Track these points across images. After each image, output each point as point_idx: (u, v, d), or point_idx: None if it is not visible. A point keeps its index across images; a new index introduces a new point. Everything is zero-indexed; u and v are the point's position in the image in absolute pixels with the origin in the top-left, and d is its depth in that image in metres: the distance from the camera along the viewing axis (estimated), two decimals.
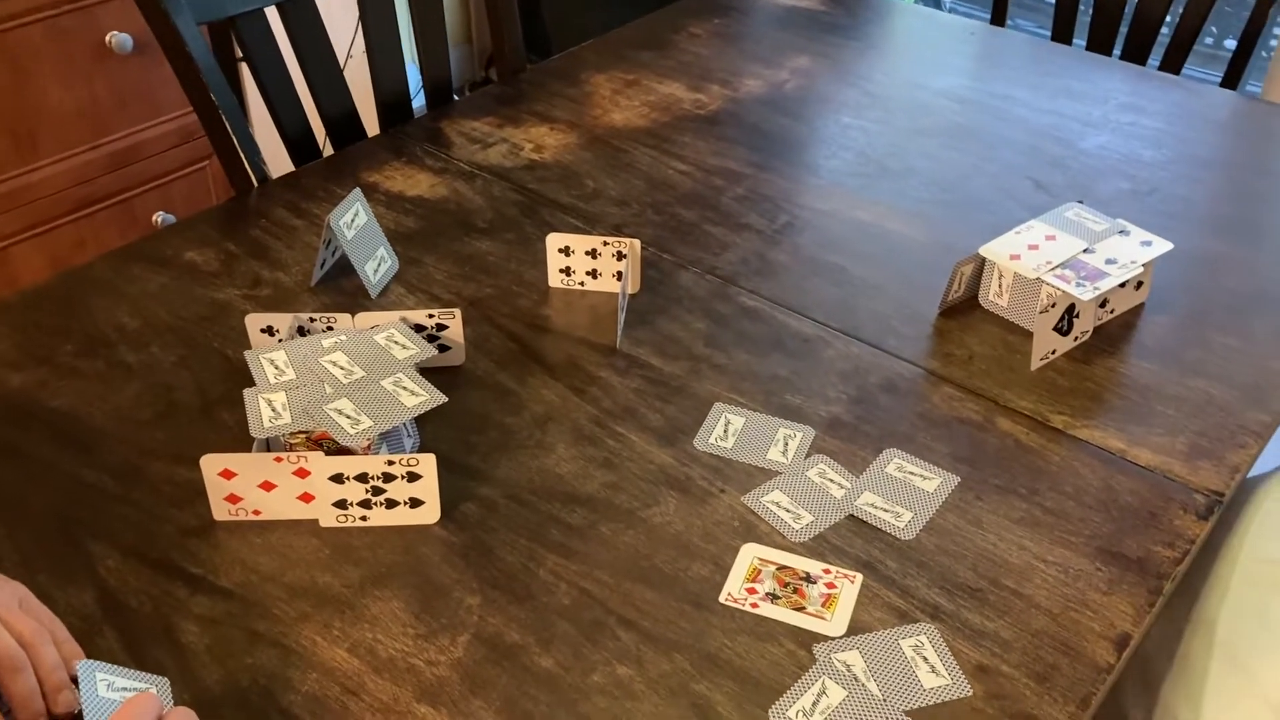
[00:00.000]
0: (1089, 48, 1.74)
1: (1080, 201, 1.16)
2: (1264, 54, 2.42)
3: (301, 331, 0.98)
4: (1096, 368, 1.04)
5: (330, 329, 0.98)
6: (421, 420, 0.95)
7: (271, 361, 0.91)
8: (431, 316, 0.99)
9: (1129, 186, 1.31)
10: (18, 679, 0.68)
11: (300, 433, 0.87)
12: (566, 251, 1.11)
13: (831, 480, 0.91)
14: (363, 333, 0.95)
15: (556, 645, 0.77)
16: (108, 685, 0.68)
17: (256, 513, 0.86)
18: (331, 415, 0.85)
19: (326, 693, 0.74)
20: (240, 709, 0.73)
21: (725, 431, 0.95)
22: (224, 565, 0.83)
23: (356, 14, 1.40)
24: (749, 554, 0.84)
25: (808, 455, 0.93)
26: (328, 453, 0.85)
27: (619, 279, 1.11)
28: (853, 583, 0.82)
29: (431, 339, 1.00)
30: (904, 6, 1.79)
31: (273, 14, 1.32)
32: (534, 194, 1.29)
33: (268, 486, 0.85)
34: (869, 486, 0.90)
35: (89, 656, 0.72)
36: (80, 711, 0.67)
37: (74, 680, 0.70)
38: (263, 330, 0.99)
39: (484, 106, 1.48)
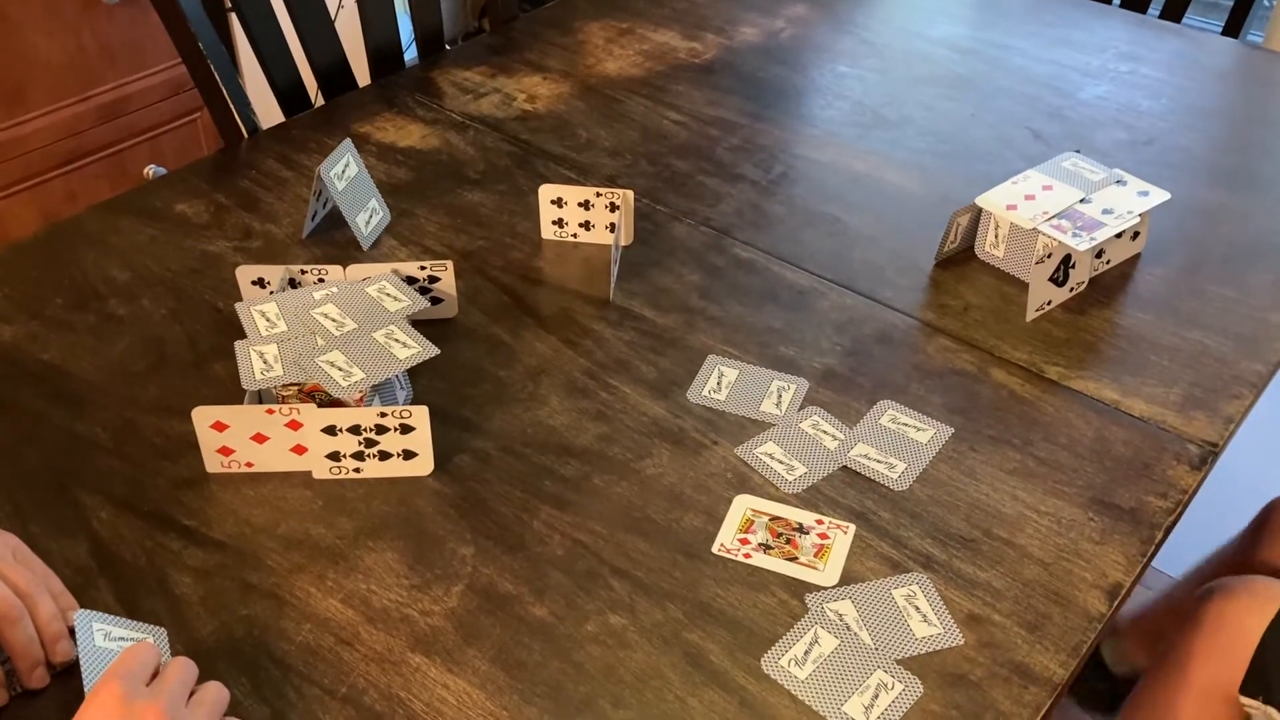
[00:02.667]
0: None
1: (1077, 151, 1.15)
2: (1266, 2, 2.39)
3: (293, 284, 0.97)
4: (1092, 319, 1.03)
5: (322, 281, 0.97)
6: (414, 373, 0.94)
7: (263, 314, 0.90)
8: (424, 269, 0.98)
9: (1127, 136, 1.30)
10: (16, 629, 0.68)
11: (292, 385, 0.87)
12: (559, 203, 1.10)
13: (825, 432, 0.91)
14: (354, 285, 0.94)
15: (550, 595, 0.78)
16: (105, 635, 0.68)
17: (249, 465, 0.86)
18: (323, 367, 0.85)
19: (321, 643, 0.74)
20: (235, 660, 0.73)
21: (719, 383, 0.95)
22: (216, 517, 0.83)
23: None
24: (742, 505, 0.84)
25: (801, 407, 0.93)
26: (320, 405, 0.85)
27: (612, 231, 1.10)
28: (845, 533, 0.82)
29: (424, 291, 0.99)
30: None
31: None
32: (526, 145, 1.27)
33: (260, 439, 0.84)
34: (863, 438, 0.90)
35: (83, 608, 0.72)
36: (78, 660, 0.68)
37: (71, 631, 0.71)
38: (254, 282, 0.98)
39: (476, 56, 1.46)
